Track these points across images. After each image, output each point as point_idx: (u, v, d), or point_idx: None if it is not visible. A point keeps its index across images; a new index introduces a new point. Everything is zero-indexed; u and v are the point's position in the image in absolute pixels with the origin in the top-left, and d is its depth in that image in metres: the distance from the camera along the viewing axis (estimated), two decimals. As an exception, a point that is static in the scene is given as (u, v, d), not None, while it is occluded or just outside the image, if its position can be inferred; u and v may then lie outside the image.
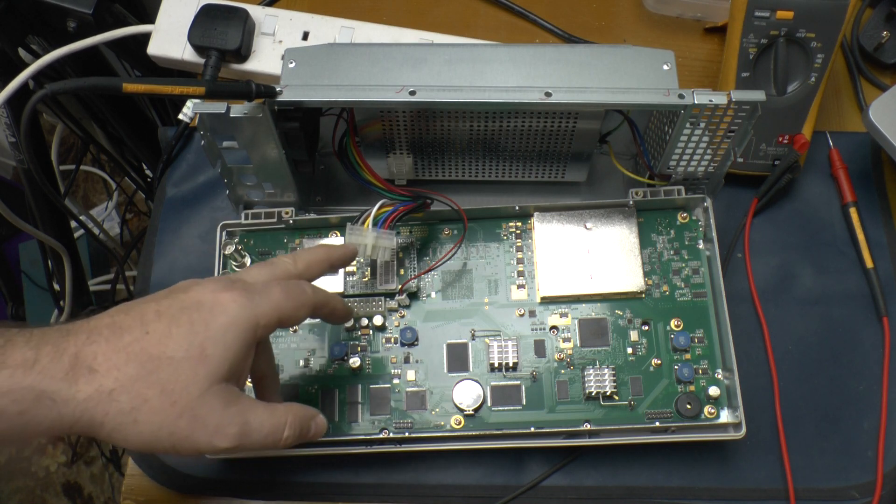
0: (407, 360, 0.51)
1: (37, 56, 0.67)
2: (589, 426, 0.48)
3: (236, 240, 0.54)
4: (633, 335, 0.50)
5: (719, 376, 0.49)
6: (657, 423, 0.48)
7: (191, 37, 0.60)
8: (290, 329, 0.52)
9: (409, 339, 0.51)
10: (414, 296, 0.52)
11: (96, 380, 0.35)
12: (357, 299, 0.52)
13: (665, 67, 0.46)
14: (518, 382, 0.50)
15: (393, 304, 0.52)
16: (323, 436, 0.44)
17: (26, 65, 0.60)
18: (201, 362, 0.37)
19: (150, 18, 0.63)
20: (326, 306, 0.45)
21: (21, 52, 0.68)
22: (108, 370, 0.36)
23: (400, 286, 0.51)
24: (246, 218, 0.54)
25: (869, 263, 0.56)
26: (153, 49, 0.62)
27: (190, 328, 0.37)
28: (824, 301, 0.56)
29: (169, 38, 0.62)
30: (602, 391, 0.49)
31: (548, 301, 0.51)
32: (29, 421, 0.34)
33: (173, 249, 0.59)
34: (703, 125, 0.47)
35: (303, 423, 0.42)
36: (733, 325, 0.49)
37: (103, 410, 0.35)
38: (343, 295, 0.52)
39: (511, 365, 0.50)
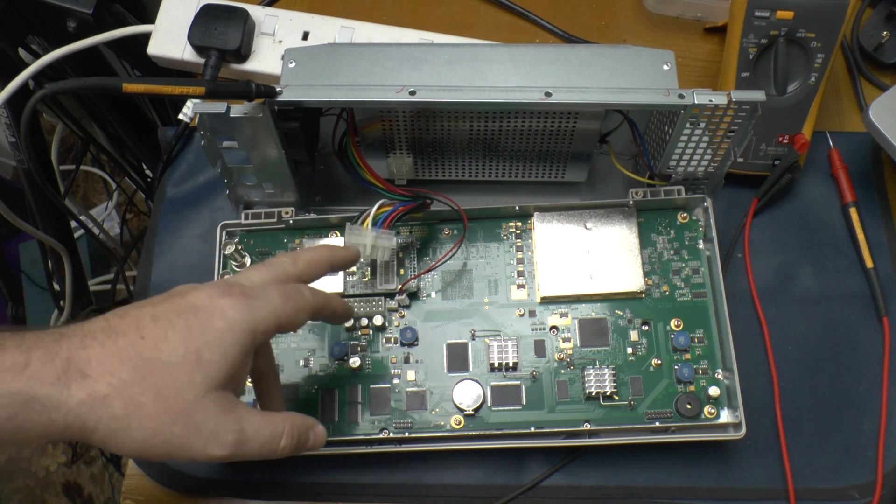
0: (407, 360, 0.51)
1: (37, 56, 0.67)
2: (589, 426, 0.48)
3: (236, 240, 0.54)
4: (633, 335, 0.50)
5: (719, 376, 0.49)
6: (657, 423, 0.48)
7: (191, 37, 0.60)
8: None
9: (409, 339, 0.51)
10: (414, 296, 0.52)
11: (89, 384, 0.34)
12: (357, 299, 0.52)
13: (665, 67, 0.46)
14: (518, 382, 0.50)
15: (393, 304, 0.52)
16: (321, 447, 0.43)
17: (26, 65, 0.60)
18: (198, 367, 0.36)
19: (150, 18, 0.63)
20: (326, 309, 0.44)
21: (21, 52, 0.68)
22: (102, 375, 0.35)
23: (400, 286, 0.51)
24: (246, 218, 0.54)
25: (869, 263, 0.56)
26: (153, 49, 0.62)
27: (187, 333, 0.37)
28: (824, 301, 0.56)
29: (169, 38, 0.62)
30: (602, 391, 0.49)
31: (548, 301, 0.51)
32: (19, 426, 0.34)
33: (173, 249, 0.59)
34: (703, 125, 0.47)
35: (301, 433, 0.41)
36: (733, 325, 0.49)
37: (96, 416, 0.35)
38: (343, 295, 0.52)
39: (511, 365, 0.50)
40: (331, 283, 0.51)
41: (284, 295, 0.40)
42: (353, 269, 0.52)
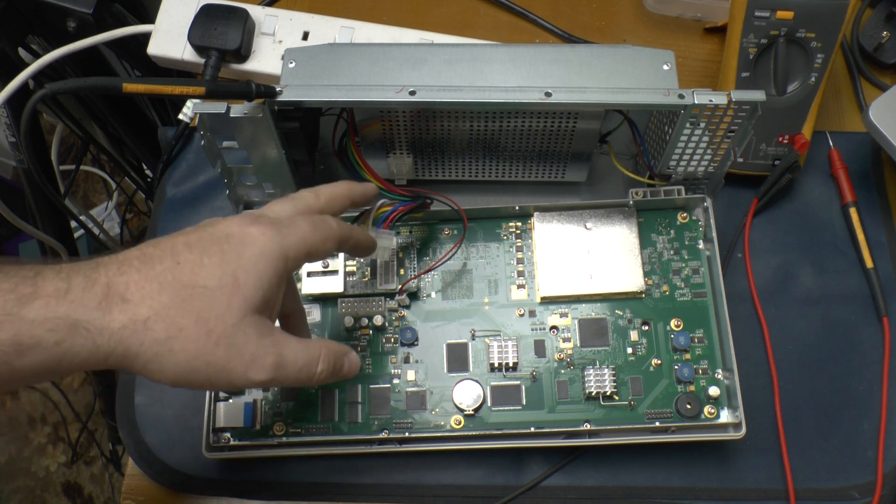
0: (407, 360, 0.51)
1: (37, 56, 0.67)
2: (589, 426, 0.48)
3: (236, 240, 0.54)
4: (633, 335, 0.50)
5: (719, 376, 0.49)
6: (657, 423, 0.48)
7: (191, 37, 0.60)
8: (290, 329, 0.52)
9: (409, 339, 0.51)
10: (414, 296, 0.52)
11: (130, 309, 0.35)
12: (357, 299, 0.52)
13: (665, 67, 0.46)
14: (518, 382, 0.50)
15: (393, 304, 0.52)
16: (356, 373, 0.43)
17: (26, 65, 0.60)
18: (235, 291, 0.36)
19: (150, 18, 0.63)
20: (351, 239, 0.44)
21: (21, 52, 0.68)
22: (142, 299, 0.35)
23: (400, 286, 0.51)
24: (246, 218, 0.54)
25: (869, 263, 0.56)
26: (153, 49, 0.62)
27: (222, 257, 0.37)
28: (824, 301, 0.56)
29: (169, 38, 0.62)
30: (602, 391, 0.49)
31: (548, 301, 0.51)
32: (66, 351, 0.34)
33: (173, 249, 0.59)
34: (703, 125, 0.47)
35: (336, 359, 0.41)
36: (733, 325, 0.49)
37: (139, 340, 0.35)
38: (343, 295, 0.52)
39: (511, 365, 0.50)
40: (331, 283, 0.52)
41: (312, 224, 0.41)
42: (354, 269, 0.52)
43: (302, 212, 0.42)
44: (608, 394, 0.49)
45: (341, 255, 0.52)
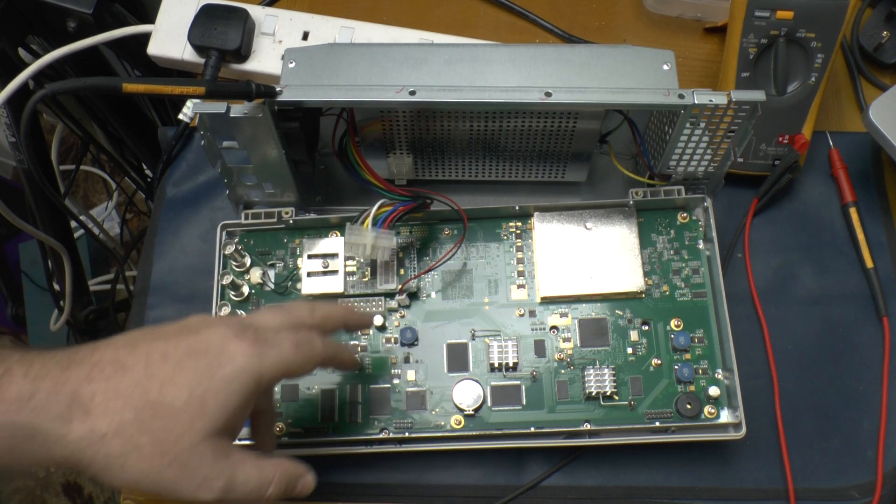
0: (407, 360, 0.51)
1: (37, 56, 0.67)
2: (589, 426, 0.48)
3: (236, 240, 0.54)
4: (633, 335, 0.50)
5: (719, 376, 0.49)
6: (657, 423, 0.48)
7: (191, 37, 0.60)
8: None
9: (409, 339, 0.51)
10: (414, 296, 0.52)
11: (90, 421, 0.35)
12: (357, 299, 0.52)
13: (665, 67, 0.46)
14: (518, 382, 0.50)
15: (393, 304, 0.52)
16: (308, 494, 0.43)
17: (26, 65, 0.60)
18: (199, 413, 0.37)
19: (150, 18, 0.63)
20: (335, 359, 0.45)
21: (21, 52, 0.68)
22: (104, 413, 0.35)
23: (400, 286, 0.51)
24: (246, 218, 0.54)
25: (869, 263, 0.56)
26: (153, 49, 0.62)
27: (194, 376, 0.37)
28: (824, 301, 0.56)
29: (169, 38, 0.62)
30: (602, 391, 0.49)
31: (548, 301, 0.51)
32: (17, 458, 0.34)
33: (173, 249, 0.59)
34: (703, 125, 0.47)
35: (290, 482, 0.41)
36: (733, 325, 0.49)
37: (93, 452, 0.35)
38: (343, 295, 0.52)
39: (511, 365, 0.50)
40: (331, 284, 0.52)
41: (296, 344, 0.41)
42: (354, 268, 0.52)
43: (292, 326, 0.42)
44: (608, 394, 0.49)
45: (341, 254, 0.52)
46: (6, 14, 0.63)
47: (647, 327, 0.51)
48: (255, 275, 0.53)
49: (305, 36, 0.62)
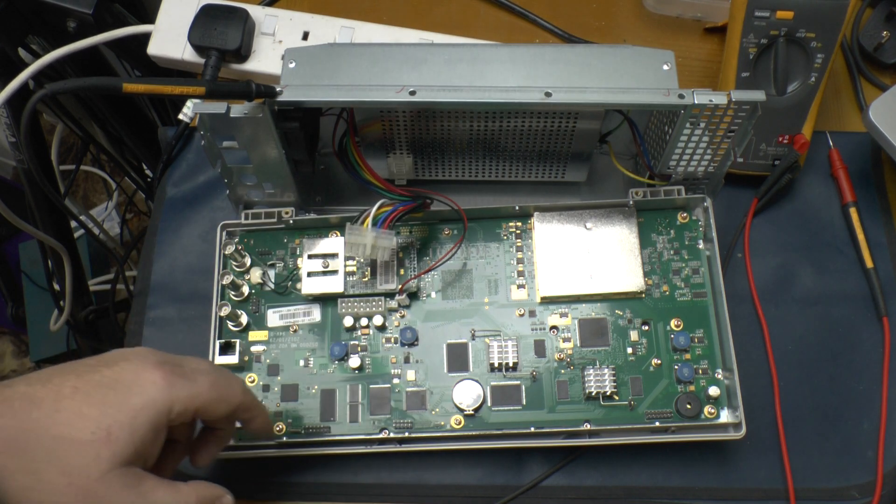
0: (407, 360, 0.51)
1: (37, 56, 0.67)
2: (589, 426, 0.48)
3: (236, 240, 0.54)
4: (633, 335, 0.50)
5: (719, 376, 0.49)
6: (657, 423, 0.48)
7: (191, 37, 0.60)
8: (290, 329, 0.52)
9: (409, 339, 0.51)
10: (414, 296, 0.52)
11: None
12: (357, 299, 0.52)
13: (665, 67, 0.46)
14: (518, 382, 0.50)
15: (393, 304, 0.52)
16: None
17: (26, 65, 0.60)
18: (105, 445, 0.37)
19: (150, 18, 0.63)
20: (251, 412, 0.45)
21: (21, 52, 0.68)
22: (11, 449, 0.36)
23: (400, 286, 0.51)
24: (246, 218, 0.54)
25: (869, 263, 0.56)
26: (153, 49, 0.62)
27: (101, 409, 0.38)
28: (824, 301, 0.56)
29: (169, 38, 0.62)
30: (602, 391, 0.49)
31: (548, 301, 0.51)
32: None
33: (173, 249, 0.59)
34: (703, 125, 0.47)
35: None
36: (733, 325, 0.49)
37: (4, 487, 0.36)
38: (343, 295, 0.52)
39: (511, 365, 0.50)
40: (331, 283, 0.52)
41: (214, 381, 0.41)
42: (354, 268, 0.52)
43: (221, 372, 0.43)
44: (608, 394, 0.49)
45: (341, 254, 0.52)
46: (6, 14, 0.63)
47: (647, 327, 0.51)
48: (255, 275, 0.53)
49: (305, 36, 0.62)
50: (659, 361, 0.50)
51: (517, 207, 0.53)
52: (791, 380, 0.53)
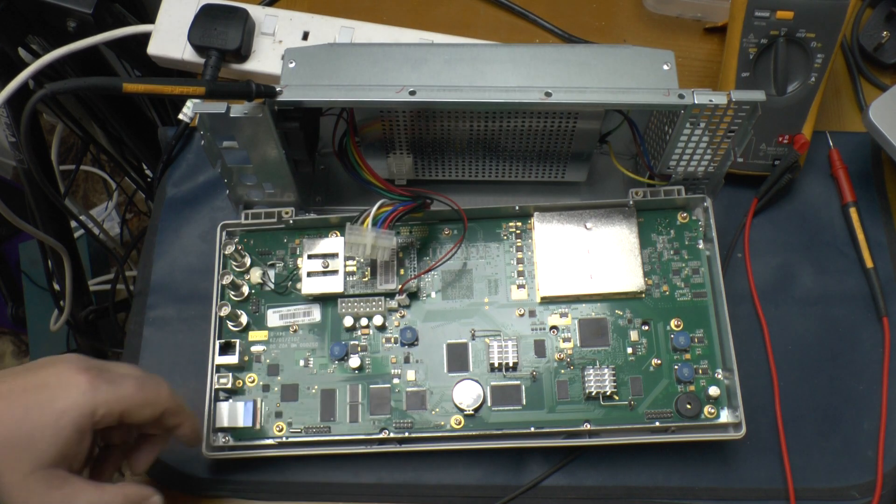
0: (407, 360, 0.51)
1: (37, 56, 0.67)
2: (589, 426, 0.48)
3: (236, 240, 0.54)
4: (633, 335, 0.50)
5: (719, 376, 0.49)
6: (657, 423, 0.48)
7: (191, 37, 0.60)
8: (290, 329, 0.52)
9: (409, 339, 0.51)
10: (414, 296, 0.52)
11: None
12: (357, 299, 0.52)
13: (665, 67, 0.46)
14: (518, 382, 0.50)
15: (393, 304, 0.52)
16: None
17: (26, 65, 0.60)
18: (27, 448, 0.38)
19: (150, 18, 0.63)
20: (178, 417, 0.45)
21: (21, 52, 0.68)
22: None
23: (400, 286, 0.51)
24: (246, 218, 0.54)
25: (869, 263, 0.56)
26: (153, 49, 0.62)
27: (24, 412, 0.38)
28: (824, 301, 0.56)
29: (169, 38, 0.62)
30: (602, 391, 0.49)
31: (548, 301, 0.51)
32: None
33: (173, 249, 0.59)
34: (703, 125, 0.47)
35: None
36: (733, 325, 0.49)
37: None
38: (343, 295, 0.52)
39: (511, 365, 0.50)
40: (331, 283, 0.52)
41: (140, 385, 0.42)
42: (354, 268, 0.52)
43: (148, 377, 0.43)
44: (608, 394, 0.49)
45: (341, 254, 0.52)
46: (6, 14, 0.63)
47: (647, 327, 0.51)
48: (255, 275, 0.53)
49: (305, 36, 0.62)
50: (659, 361, 0.50)
51: (517, 207, 0.53)
52: (791, 380, 0.53)
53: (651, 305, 0.51)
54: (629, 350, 0.50)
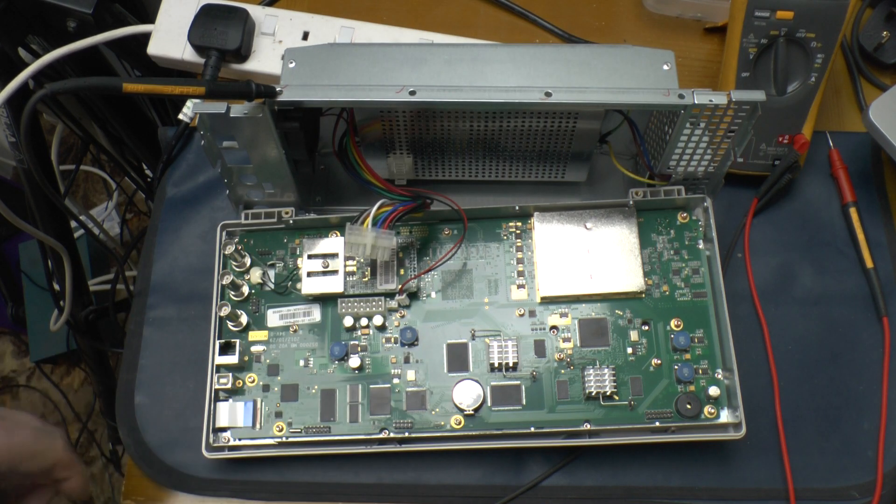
0: (407, 360, 0.51)
1: (37, 56, 0.67)
2: (589, 426, 0.48)
3: (236, 240, 0.54)
4: (633, 335, 0.50)
5: (719, 376, 0.49)
6: (657, 423, 0.48)
7: (191, 37, 0.60)
8: (290, 329, 0.52)
9: (409, 339, 0.51)
10: (414, 296, 0.52)
11: None
12: (357, 299, 0.52)
13: (665, 67, 0.46)
14: (518, 382, 0.50)
15: (393, 304, 0.52)
16: None
17: (26, 65, 0.60)
18: None
19: (150, 18, 0.63)
20: (68, 470, 0.45)
21: (21, 52, 0.68)
22: None
23: (400, 286, 0.51)
24: (246, 218, 0.54)
25: (869, 263, 0.56)
26: (153, 49, 0.62)
27: None
28: (824, 301, 0.56)
29: (169, 38, 0.62)
30: (602, 391, 0.49)
31: (548, 301, 0.51)
32: None
33: (173, 249, 0.59)
34: (703, 125, 0.47)
35: None
36: (733, 325, 0.49)
37: None
38: (343, 295, 0.52)
39: (511, 365, 0.50)
40: (331, 283, 0.52)
41: (33, 437, 0.42)
42: (354, 268, 0.52)
43: (44, 429, 0.43)
44: (608, 394, 0.49)
45: (341, 254, 0.52)
46: (6, 14, 0.63)
47: (647, 327, 0.51)
48: (255, 275, 0.53)
49: (305, 36, 0.62)
50: (659, 361, 0.50)
51: (517, 207, 0.53)
52: (791, 380, 0.53)
53: (651, 305, 0.51)
54: (629, 350, 0.50)
